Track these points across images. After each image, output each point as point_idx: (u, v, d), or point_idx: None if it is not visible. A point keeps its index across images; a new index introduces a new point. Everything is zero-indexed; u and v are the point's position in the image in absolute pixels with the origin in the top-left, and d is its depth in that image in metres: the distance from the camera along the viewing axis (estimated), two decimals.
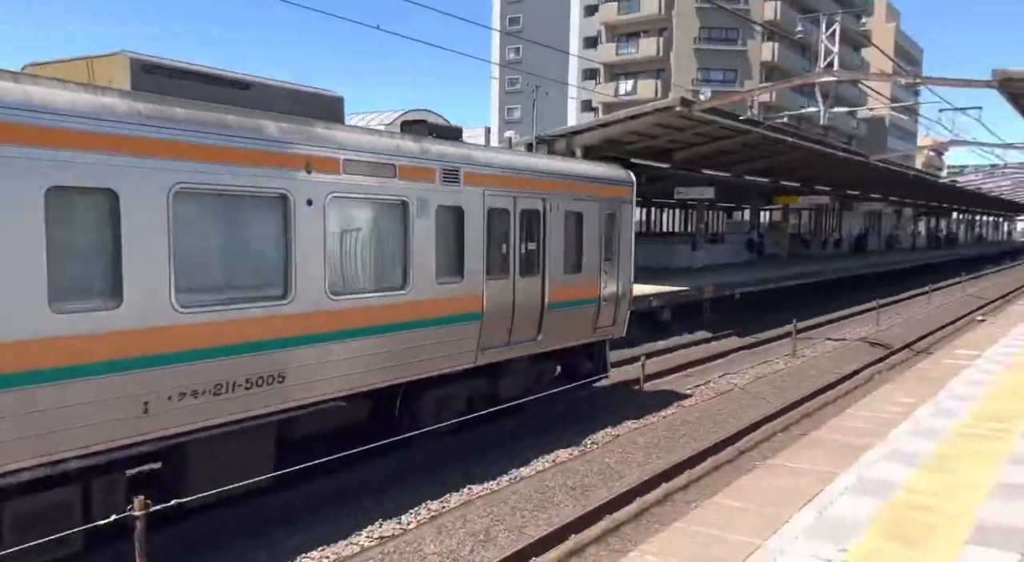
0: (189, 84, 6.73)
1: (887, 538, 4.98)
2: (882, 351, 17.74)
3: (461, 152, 8.94)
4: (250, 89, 7.20)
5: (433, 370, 8.62)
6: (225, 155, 6.35)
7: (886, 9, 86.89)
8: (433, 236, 8.43)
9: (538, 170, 10.18)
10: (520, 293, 9.79)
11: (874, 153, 37.41)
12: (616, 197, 11.65)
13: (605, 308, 11.44)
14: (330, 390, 7.40)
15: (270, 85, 7.43)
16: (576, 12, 68.49)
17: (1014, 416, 8.25)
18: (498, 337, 9.49)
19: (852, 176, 32.17)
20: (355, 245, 7.66)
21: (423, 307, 8.35)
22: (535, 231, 10.03)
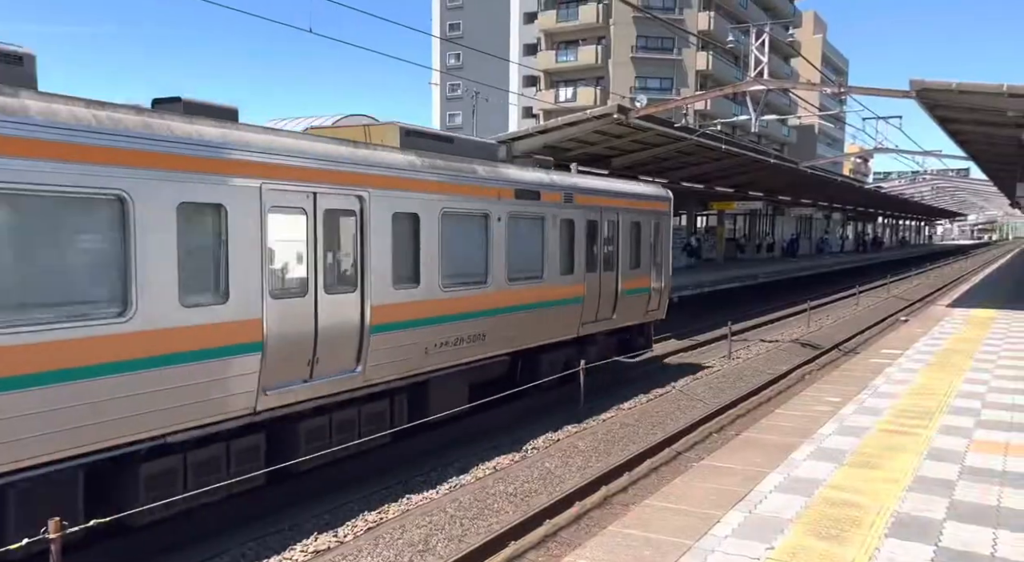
0: (431, 142, 9.96)
1: (812, 535, 5.14)
2: (812, 351, 18.34)
3: (571, 181, 12.62)
4: (452, 142, 10.48)
5: (554, 338, 12.09)
6: (462, 189, 9.93)
7: (813, 21, 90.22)
8: (557, 241, 11.93)
9: (614, 190, 13.86)
10: (604, 284, 13.28)
11: (804, 160, 38.73)
12: (661, 210, 15.24)
13: (654, 296, 15.10)
14: (505, 348, 10.90)
15: (465, 139, 11.15)
16: (516, 19, 68.93)
17: (932, 412, 8.63)
18: (590, 315, 12.96)
19: (784, 182, 33.23)
20: (520, 248, 11.12)
21: (552, 292, 11.84)
22: (612, 237, 13.56)
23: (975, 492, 5.99)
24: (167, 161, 6.31)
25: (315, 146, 7.86)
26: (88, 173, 5.78)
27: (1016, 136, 18.56)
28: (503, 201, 10.62)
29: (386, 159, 8.80)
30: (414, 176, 9.06)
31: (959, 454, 7.00)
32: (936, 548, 4.92)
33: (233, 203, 6.87)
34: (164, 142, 6.32)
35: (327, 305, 7.83)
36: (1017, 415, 8.48)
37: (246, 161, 7.02)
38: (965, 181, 61.72)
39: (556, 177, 12.14)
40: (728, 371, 15.79)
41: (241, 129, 7.20)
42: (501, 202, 10.58)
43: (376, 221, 8.46)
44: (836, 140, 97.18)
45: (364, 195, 8.31)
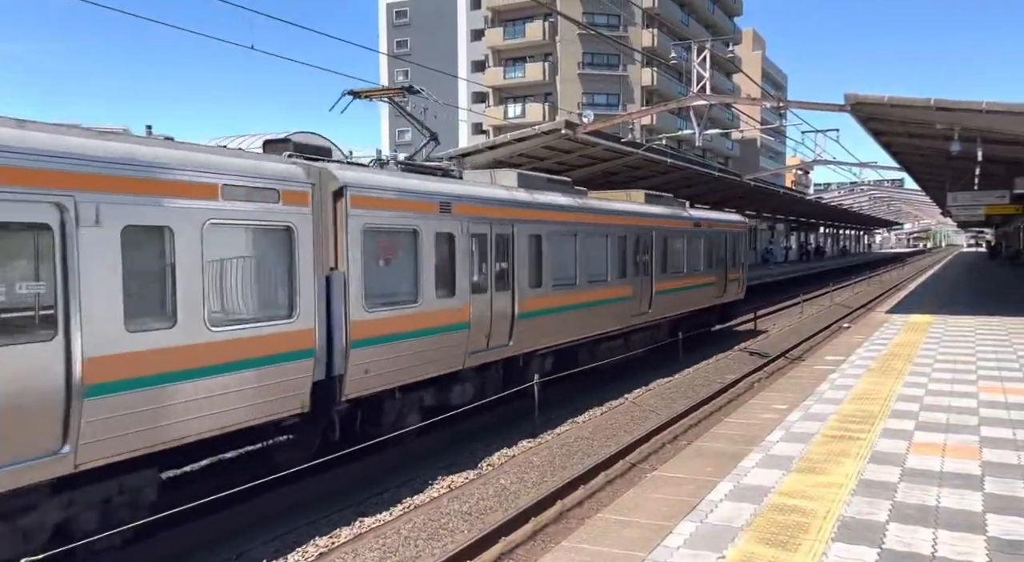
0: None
1: (762, 542, 5.22)
2: (760, 360, 18.72)
3: (714, 215, 21.31)
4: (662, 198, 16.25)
5: (703, 305, 20.32)
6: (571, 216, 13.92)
7: (752, 38, 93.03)
8: (708, 249, 20.21)
9: (716, 218, 21.67)
10: (719, 277, 21.28)
11: (748, 172, 39.77)
12: (741, 231, 23.54)
13: (743, 284, 23.70)
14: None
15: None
16: (463, 36, 69.33)
17: (874, 416, 8.88)
18: (720, 292, 21.44)
19: (729, 194, 34.03)
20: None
21: (703, 279, 19.53)
22: (715, 251, 21.09)
23: (916, 493, 6.17)
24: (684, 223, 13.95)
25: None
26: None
27: (944, 148, 19.38)
28: (687, 229, 18.95)
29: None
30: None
31: (900, 457, 7.21)
32: (880, 550, 5.05)
33: (703, 236, 16.18)
34: (689, 218, 15.06)
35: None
36: (953, 417, 8.79)
37: (706, 223, 15.98)
38: (900, 191, 64.19)
39: (713, 215, 21.91)
40: (679, 381, 15.99)
41: (692, 211, 15.97)
42: (686, 229, 18.92)
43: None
44: (778, 153, 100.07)
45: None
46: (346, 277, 8.48)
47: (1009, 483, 6.38)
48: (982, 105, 16.25)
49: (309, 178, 8.16)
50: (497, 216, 11.62)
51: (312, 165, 8.39)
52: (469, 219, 10.85)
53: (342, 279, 8.43)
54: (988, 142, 18.86)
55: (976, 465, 6.89)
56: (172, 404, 6.53)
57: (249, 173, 7.42)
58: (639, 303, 16.18)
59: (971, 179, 23.88)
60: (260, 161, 7.78)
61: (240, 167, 7.36)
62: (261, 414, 7.46)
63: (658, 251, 17.09)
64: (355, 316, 8.56)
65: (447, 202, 10.39)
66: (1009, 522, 5.50)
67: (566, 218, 13.53)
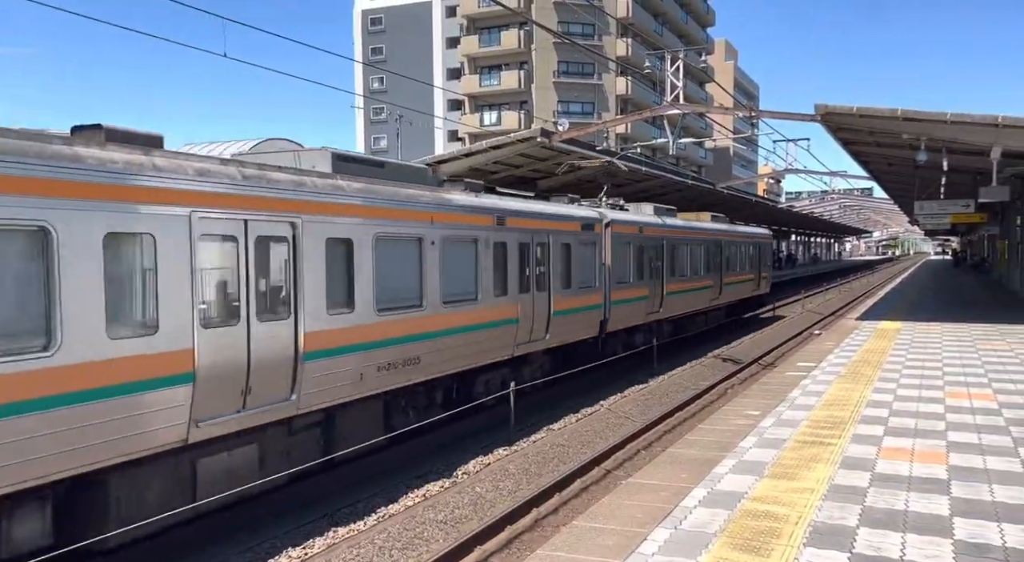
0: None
1: (735, 548, 5.26)
2: (733, 366, 18.90)
3: (745, 229, 28.39)
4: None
5: (744, 295, 27.72)
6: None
7: (725, 48, 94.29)
8: (747, 258, 27.26)
9: (754, 232, 28.62)
10: (756, 275, 28.14)
11: (721, 180, 40.22)
12: (768, 242, 31.14)
13: (765, 281, 30.40)
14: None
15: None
16: (438, 44, 69.38)
17: (845, 421, 9.01)
18: (755, 287, 28.78)
19: (703, 202, 34.37)
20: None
21: (742, 276, 25.80)
22: (753, 256, 27.91)
23: (885, 498, 6.27)
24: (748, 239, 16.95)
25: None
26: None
27: (911, 158, 19.78)
28: (722, 240, 23.82)
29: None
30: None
31: (870, 462, 7.32)
32: (851, 554, 5.12)
33: (730, 246, 18.31)
34: (747, 237, 18.07)
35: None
36: (921, 422, 8.95)
37: (734, 234, 17.99)
38: (869, 200, 65.30)
39: (752, 229, 29.22)
40: (655, 388, 16.09)
41: (730, 225, 17.54)
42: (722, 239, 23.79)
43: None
44: (750, 161, 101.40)
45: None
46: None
47: (975, 487, 6.50)
48: (947, 116, 16.63)
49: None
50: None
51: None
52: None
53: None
54: (953, 152, 19.29)
55: (943, 469, 7.02)
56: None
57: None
58: (717, 290, 24.10)
59: (937, 188, 24.40)
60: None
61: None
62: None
63: (724, 256, 24.53)
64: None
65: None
66: (975, 525, 5.61)
67: (696, 235, 22.17)
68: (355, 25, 72.41)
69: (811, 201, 66.81)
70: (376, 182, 9.66)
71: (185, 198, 6.87)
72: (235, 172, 7.52)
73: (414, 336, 10.01)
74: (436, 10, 69.75)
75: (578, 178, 25.33)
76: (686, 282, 20.82)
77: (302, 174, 8.49)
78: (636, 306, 17.68)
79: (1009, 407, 9.66)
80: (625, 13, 59.46)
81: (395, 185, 10.04)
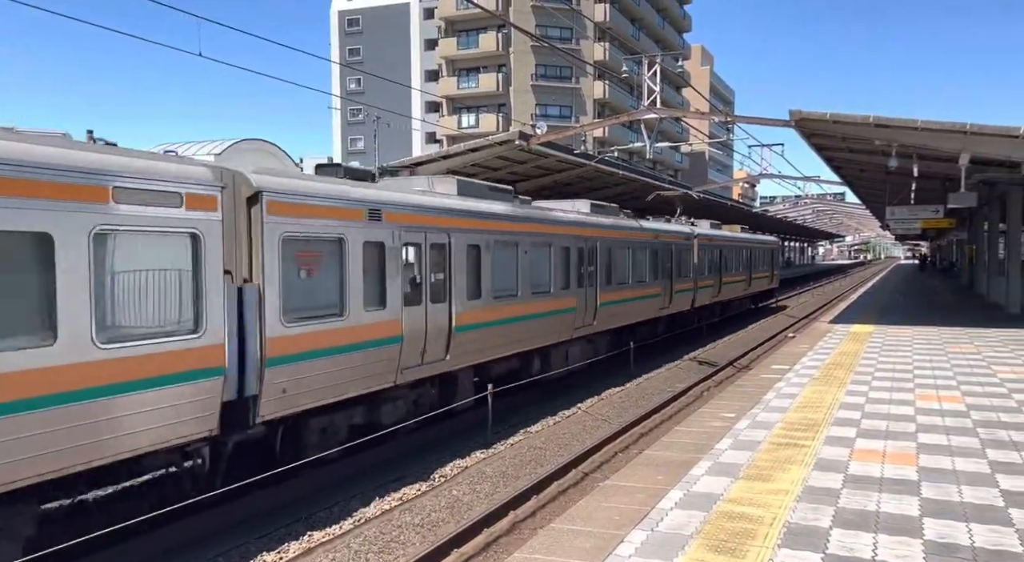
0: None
1: (710, 549, 5.31)
2: (709, 369, 19.07)
3: (761, 237, 36.42)
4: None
5: (758, 289, 35.06)
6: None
7: (701, 54, 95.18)
8: (762, 259, 35.26)
9: (766, 239, 37.03)
10: (769, 272, 36.88)
11: (697, 185, 40.54)
12: (777, 246, 39.43)
13: (776, 277, 39.35)
14: (705, 301, 25.50)
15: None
16: (416, 45, 69.22)
17: (818, 424, 9.13)
18: (768, 283, 37.19)
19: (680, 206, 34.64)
20: (736, 259, 29.50)
21: (761, 275, 34.53)
22: (767, 259, 36.27)
23: (857, 499, 6.36)
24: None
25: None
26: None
27: (883, 163, 20.11)
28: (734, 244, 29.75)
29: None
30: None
31: (843, 463, 7.42)
32: (824, 555, 5.19)
33: (737, 248, 24.24)
34: (761, 243, 25.93)
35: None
36: (892, 424, 9.09)
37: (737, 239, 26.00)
38: (841, 205, 66.20)
39: (765, 237, 36.71)
40: (631, 390, 16.18)
41: (736, 232, 23.62)
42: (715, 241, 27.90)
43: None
44: (725, 166, 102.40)
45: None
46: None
47: (944, 488, 6.62)
48: (917, 123, 16.94)
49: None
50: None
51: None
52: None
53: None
54: (923, 159, 19.64)
55: (913, 471, 7.14)
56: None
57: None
58: (747, 284, 32.30)
59: (908, 194, 24.83)
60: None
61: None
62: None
63: (753, 258, 33.20)
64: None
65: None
66: (944, 526, 5.71)
67: (738, 244, 30.66)
68: (332, 26, 72.02)
69: (785, 205, 67.60)
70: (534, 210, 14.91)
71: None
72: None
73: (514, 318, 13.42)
74: (414, 12, 69.60)
75: (555, 181, 25.40)
76: (732, 276, 29.39)
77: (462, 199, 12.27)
78: (705, 291, 25.88)
79: (977, 409, 9.85)
80: (602, 17, 59.79)
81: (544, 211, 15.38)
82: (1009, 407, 9.94)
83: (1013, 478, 6.85)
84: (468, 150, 20.57)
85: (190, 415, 7.11)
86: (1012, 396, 10.67)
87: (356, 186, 9.90)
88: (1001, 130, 16.74)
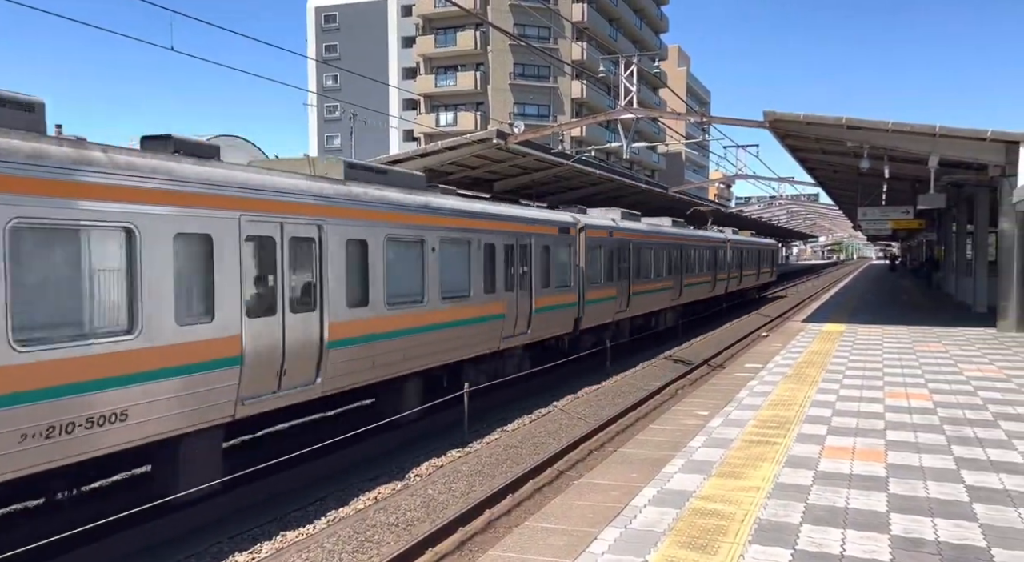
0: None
1: (683, 546, 5.36)
2: (684, 367, 19.23)
3: (764, 240, 46.83)
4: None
5: (758, 282, 44.62)
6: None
7: (678, 54, 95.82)
8: (766, 258, 45.51)
9: (768, 242, 47.34)
10: (771, 268, 47.34)
11: (673, 185, 40.88)
12: (776, 247, 51.13)
13: (776, 272, 51.35)
14: (732, 288, 35.77)
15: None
16: (394, 43, 68.87)
17: (790, 421, 9.25)
18: (769, 277, 48.06)
19: (656, 205, 34.87)
20: (750, 260, 39.99)
21: (764, 272, 45.03)
22: (768, 257, 46.38)
23: (827, 495, 6.46)
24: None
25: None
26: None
27: (855, 165, 20.41)
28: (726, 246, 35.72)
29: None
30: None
31: (814, 460, 7.53)
32: (794, 551, 5.26)
33: (724, 246, 30.36)
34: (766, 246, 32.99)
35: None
36: (862, 421, 9.24)
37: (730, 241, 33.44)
38: (815, 205, 67.06)
39: (767, 240, 47.23)
40: (607, 389, 16.26)
41: (719, 235, 27.72)
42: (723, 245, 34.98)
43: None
44: (701, 167, 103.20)
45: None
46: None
47: (911, 484, 6.74)
48: (888, 125, 17.21)
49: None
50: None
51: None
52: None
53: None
54: (894, 160, 19.97)
55: (882, 467, 7.26)
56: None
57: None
58: (757, 276, 41.74)
59: (879, 195, 25.23)
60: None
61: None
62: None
63: (760, 257, 42.01)
64: None
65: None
66: (910, 521, 5.82)
67: (750, 246, 39.94)
68: (308, 22, 71.41)
69: (760, 206, 68.29)
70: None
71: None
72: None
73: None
74: (391, 9, 69.24)
75: (533, 180, 25.44)
76: (747, 270, 38.65)
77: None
78: (733, 280, 35.42)
79: (944, 406, 10.04)
80: (580, 17, 59.95)
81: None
82: (975, 405, 10.14)
83: (977, 474, 6.99)
84: (446, 148, 20.53)
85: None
86: (978, 394, 10.89)
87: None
88: (969, 133, 17.07)
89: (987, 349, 15.78)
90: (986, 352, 15.31)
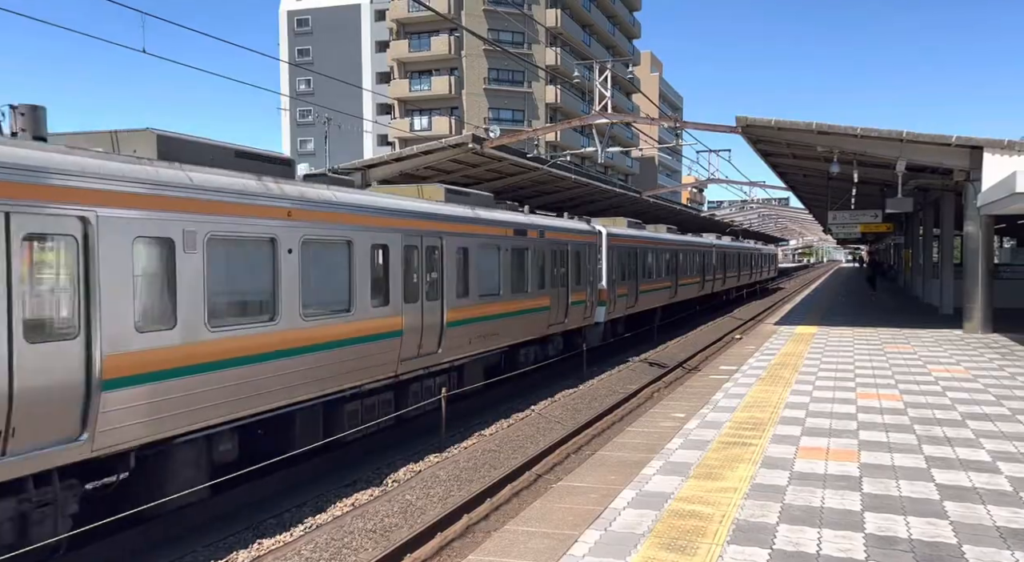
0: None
1: (662, 547, 5.40)
2: (659, 370, 19.37)
3: (767, 246, 63.40)
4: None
5: (760, 279, 58.11)
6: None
7: (651, 60, 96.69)
8: (764, 262, 57.48)
9: (769, 248, 64.68)
10: (771, 268, 62.73)
11: (647, 189, 41.17)
12: (774, 253, 66.76)
13: (776, 271, 70.16)
14: (729, 285, 42.97)
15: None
16: (367, 47, 68.60)
17: (765, 423, 9.36)
18: (772, 273, 65.32)
19: (630, 210, 35.13)
20: (747, 262, 49.50)
21: (763, 273, 57.77)
22: (771, 260, 63.00)
23: (803, 495, 6.54)
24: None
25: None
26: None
27: (825, 169, 20.74)
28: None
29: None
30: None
31: (789, 461, 7.63)
32: (771, 550, 5.32)
33: (713, 250, 37.73)
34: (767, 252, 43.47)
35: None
36: (835, 422, 9.38)
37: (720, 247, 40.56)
38: (786, 209, 67.91)
39: (770, 246, 65.05)
40: (584, 392, 16.32)
41: (707, 241, 35.17)
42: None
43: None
44: (674, 171, 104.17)
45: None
46: None
47: (884, 483, 6.86)
48: (857, 130, 17.53)
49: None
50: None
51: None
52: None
53: None
54: (863, 165, 20.33)
55: (855, 467, 7.38)
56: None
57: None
58: (762, 273, 53.76)
59: (849, 199, 25.66)
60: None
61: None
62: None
63: (762, 260, 51.86)
64: None
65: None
66: (883, 519, 5.92)
67: (756, 252, 53.47)
68: (281, 26, 70.86)
69: (732, 210, 69.03)
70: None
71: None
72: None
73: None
74: (365, 13, 69.00)
75: (507, 184, 25.48)
76: (752, 271, 47.34)
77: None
78: (741, 277, 44.87)
79: (914, 407, 10.24)
80: (554, 22, 60.27)
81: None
82: (943, 404, 10.35)
83: (947, 472, 7.14)
84: (421, 152, 20.49)
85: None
86: (946, 394, 11.11)
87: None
88: (934, 138, 17.45)
89: (954, 350, 16.11)
90: (953, 353, 15.63)
